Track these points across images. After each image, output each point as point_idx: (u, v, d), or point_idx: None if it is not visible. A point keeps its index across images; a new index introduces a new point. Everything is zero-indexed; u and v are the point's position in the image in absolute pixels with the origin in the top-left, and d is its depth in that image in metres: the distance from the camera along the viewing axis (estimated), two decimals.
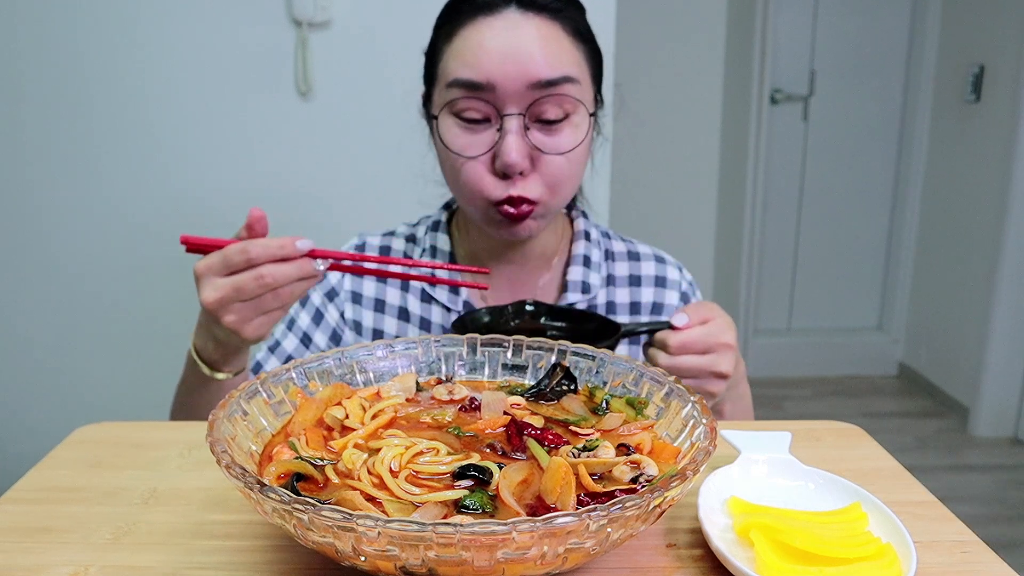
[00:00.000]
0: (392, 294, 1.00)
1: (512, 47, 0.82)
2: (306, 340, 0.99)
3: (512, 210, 0.86)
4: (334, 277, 1.01)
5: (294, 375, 0.64)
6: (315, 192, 1.85)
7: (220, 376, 0.85)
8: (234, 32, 1.76)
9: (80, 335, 1.96)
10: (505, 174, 0.85)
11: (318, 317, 1.00)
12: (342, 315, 1.01)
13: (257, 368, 0.98)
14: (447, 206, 1.05)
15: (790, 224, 3.50)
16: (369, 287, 1.01)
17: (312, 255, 0.77)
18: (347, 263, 0.82)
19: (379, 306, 1.00)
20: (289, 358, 0.97)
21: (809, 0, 3.25)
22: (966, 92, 2.99)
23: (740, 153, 3.21)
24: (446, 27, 0.88)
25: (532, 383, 0.69)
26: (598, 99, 0.93)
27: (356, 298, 1.01)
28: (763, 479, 0.63)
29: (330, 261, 0.79)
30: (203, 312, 0.80)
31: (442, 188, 0.97)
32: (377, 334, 1.00)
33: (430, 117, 0.91)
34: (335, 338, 1.00)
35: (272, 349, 0.99)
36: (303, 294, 0.79)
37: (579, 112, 0.86)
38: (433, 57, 0.90)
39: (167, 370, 1.95)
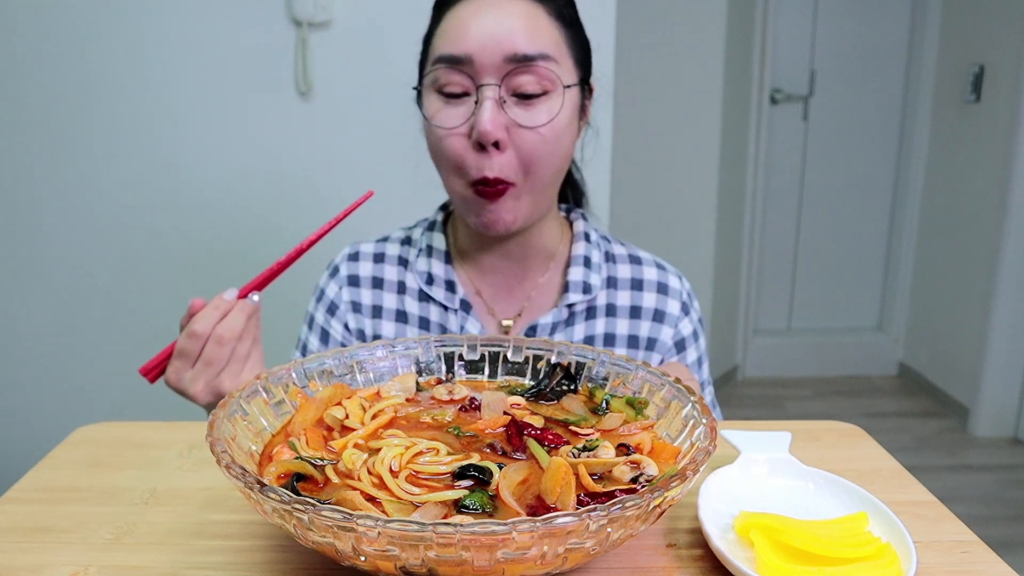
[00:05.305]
0: (389, 299, 1.00)
1: (492, 24, 0.85)
2: None
3: (488, 188, 0.87)
4: (331, 291, 1.02)
5: (294, 375, 0.64)
6: (315, 192, 1.85)
7: None
8: (234, 32, 1.76)
9: (80, 335, 1.96)
10: (481, 145, 0.86)
11: (324, 336, 1.01)
12: (346, 326, 1.01)
13: None
14: (444, 207, 1.05)
15: (790, 224, 3.50)
16: (366, 295, 1.01)
17: (243, 294, 0.86)
18: (274, 267, 0.89)
19: (376, 312, 1.00)
20: None
21: (809, 0, 3.25)
22: (966, 92, 2.99)
23: (740, 153, 3.21)
24: (436, 14, 0.92)
25: (532, 383, 0.69)
26: (584, 88, 0.94)
27: (356, 307, 1.01)
28: (763, 479, 0.63)
29: (258, 292, 0.87)
30: (208, 410, 0.83)
31: (442, 190, 0.97)
32: (377, 340, 1.00)
33: (419, 101, 0.93)
34: None
35: None
36: (259, 323, 0.87)
37: (557, 90, 0.88)
38: (426, 47, 0.93)
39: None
